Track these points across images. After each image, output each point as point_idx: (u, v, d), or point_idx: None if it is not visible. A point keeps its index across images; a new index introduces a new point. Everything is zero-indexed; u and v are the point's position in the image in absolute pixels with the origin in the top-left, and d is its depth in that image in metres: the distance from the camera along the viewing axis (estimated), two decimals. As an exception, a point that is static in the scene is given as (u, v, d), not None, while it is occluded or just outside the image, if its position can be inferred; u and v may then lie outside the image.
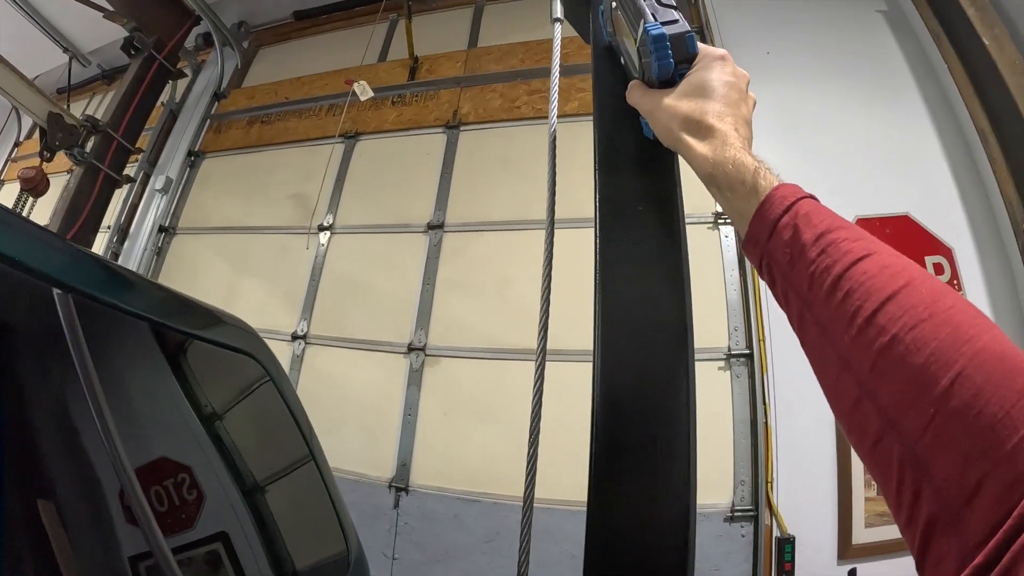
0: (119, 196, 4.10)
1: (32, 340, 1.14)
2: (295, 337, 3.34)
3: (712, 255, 2.84)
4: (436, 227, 3.30)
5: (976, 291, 2.67)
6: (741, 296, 2.77)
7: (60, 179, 4.09)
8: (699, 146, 0.66)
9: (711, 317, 2.75)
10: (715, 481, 2.62)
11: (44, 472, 1.07)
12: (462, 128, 3.59)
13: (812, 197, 0.59)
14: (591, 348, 0.82)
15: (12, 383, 1.10)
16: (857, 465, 2.57)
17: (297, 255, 3.59)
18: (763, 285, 2.67)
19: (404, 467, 2.94)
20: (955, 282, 2.68)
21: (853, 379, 0.50)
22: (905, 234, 2.78)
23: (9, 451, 1.03)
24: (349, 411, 2.91)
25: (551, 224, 0.96)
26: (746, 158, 0.62)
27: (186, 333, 1.52)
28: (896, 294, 0.48)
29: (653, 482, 0.78)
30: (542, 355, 0.93)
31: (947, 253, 2.73)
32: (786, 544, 2.55)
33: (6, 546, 0.95)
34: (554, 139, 1.00)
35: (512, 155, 3.38)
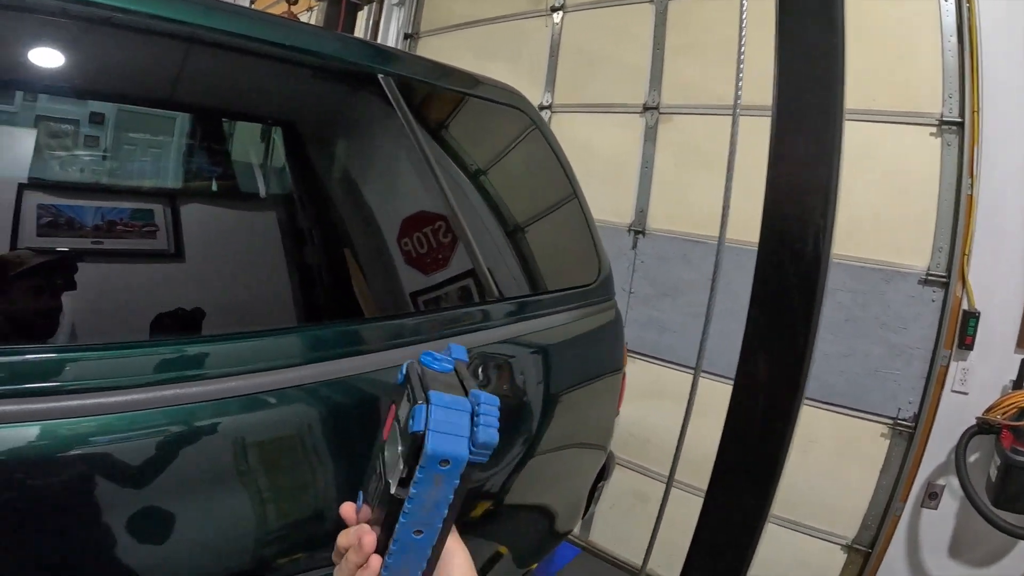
0: (362, 17, 4.75)
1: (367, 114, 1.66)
2: (541, 108, 3.73)
3: (930, 19, 2.71)
4: (661, -4, 3.39)
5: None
6: (958, 63, 2.64)
7: (304, 17, 4.75)
8: None
9: (926, 82, 2.68)
10: (915, 243, 2.70)
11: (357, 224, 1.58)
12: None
13: None
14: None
15: (347, 151, 1.64)
16: (1057, 254, 2.51)
17: (534, 37, 3.89)
18: (981, 55, 2.58)
19: (642, 213, 3.38)
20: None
21: None
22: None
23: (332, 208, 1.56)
24: (594, 167, 3.29)
25: None
26: None
27: (473, 95, 1.97)
28: None
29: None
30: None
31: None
32: (971, 318, 2.59)
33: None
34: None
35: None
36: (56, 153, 1.17)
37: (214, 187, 1.48)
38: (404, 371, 0.61)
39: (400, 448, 0.56)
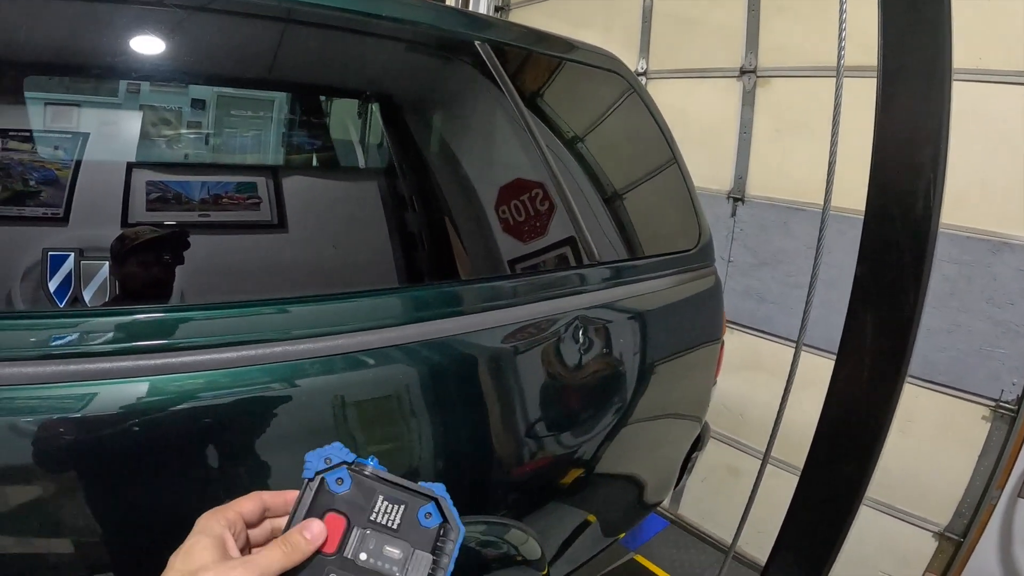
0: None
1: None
2: (636, 75, 3.63)
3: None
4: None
5: None
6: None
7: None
8: None
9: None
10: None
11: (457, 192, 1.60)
12: None
13: None
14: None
15: (444, 120, 1.66)
16: None
17: (627, 4, 3.77)
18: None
19: (740, 180, 3.26)
20: None
21: None
22: None
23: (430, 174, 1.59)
24: (690, 134, 3.18)
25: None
26: None
27: (570, 60, 1.96)
28: None
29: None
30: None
31: None
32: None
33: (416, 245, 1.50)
34: None
35: None
36: (162, 135, 1.24)
37: (315, 161, 1.53)
38: (349, 481, 0.64)
39: (412, 547, 0.62)
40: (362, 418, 1.18)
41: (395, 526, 0.62)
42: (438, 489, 0.65)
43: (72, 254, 1.01)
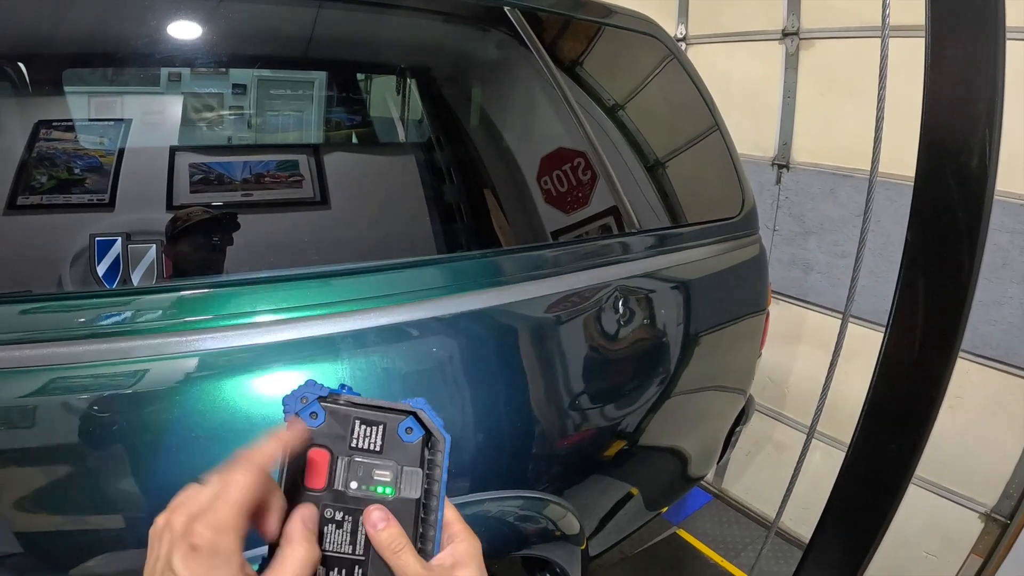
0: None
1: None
2: (676, 40, 3.53)
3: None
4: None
5: None
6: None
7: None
8: None
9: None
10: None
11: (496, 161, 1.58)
12: None
13: None
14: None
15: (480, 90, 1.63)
16: None
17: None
18: None
19: (785, 146, 3.16)
20: None
21: None
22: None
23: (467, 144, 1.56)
24: (733, 100, 3.12)
25: None
26: None
27: (606, 24, 1.91)
28: None
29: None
30: None
31: None
32: None
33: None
34: None
35: None
36: (204, 119, 1.25)
37: (354, 138, 1.53)
38: (323, 414, 0.62)
39: (399, 465, 0.62)
40: (404, 390, 1.18)
41: (378, 447, 0.61)
42: (416, 403, 0.63)
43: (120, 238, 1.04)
